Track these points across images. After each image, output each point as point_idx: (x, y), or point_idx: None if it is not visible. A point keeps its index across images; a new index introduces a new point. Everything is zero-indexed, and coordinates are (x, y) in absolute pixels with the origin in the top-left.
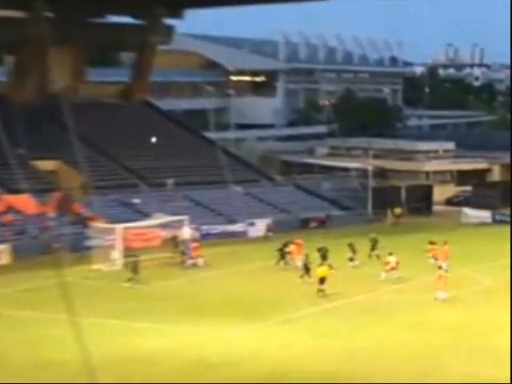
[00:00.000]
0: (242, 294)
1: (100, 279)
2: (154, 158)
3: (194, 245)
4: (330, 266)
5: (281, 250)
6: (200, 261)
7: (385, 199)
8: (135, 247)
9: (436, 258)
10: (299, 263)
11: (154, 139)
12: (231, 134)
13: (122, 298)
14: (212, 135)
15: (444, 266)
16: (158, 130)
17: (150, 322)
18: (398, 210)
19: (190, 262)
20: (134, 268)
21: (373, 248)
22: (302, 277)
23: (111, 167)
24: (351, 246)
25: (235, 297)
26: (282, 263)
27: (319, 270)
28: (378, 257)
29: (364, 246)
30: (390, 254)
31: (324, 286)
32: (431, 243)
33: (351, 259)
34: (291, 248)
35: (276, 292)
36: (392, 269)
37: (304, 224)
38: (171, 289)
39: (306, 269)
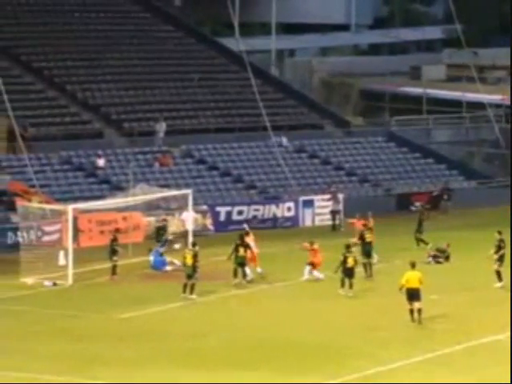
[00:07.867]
0: None
1: (35, 305)
2: (127, 85)
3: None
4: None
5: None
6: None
7: None
8: (97, 245)
9: None
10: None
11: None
12: (271, 43)
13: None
14: (233, 43)
15: None
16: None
17: None
18: None
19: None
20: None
21: None
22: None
23: (58, 101)
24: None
25: None
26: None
27: None
28: None
29: None
30: None
31: None
32: None
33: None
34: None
35: None
36: None
37: (401, 203)
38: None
39: None
